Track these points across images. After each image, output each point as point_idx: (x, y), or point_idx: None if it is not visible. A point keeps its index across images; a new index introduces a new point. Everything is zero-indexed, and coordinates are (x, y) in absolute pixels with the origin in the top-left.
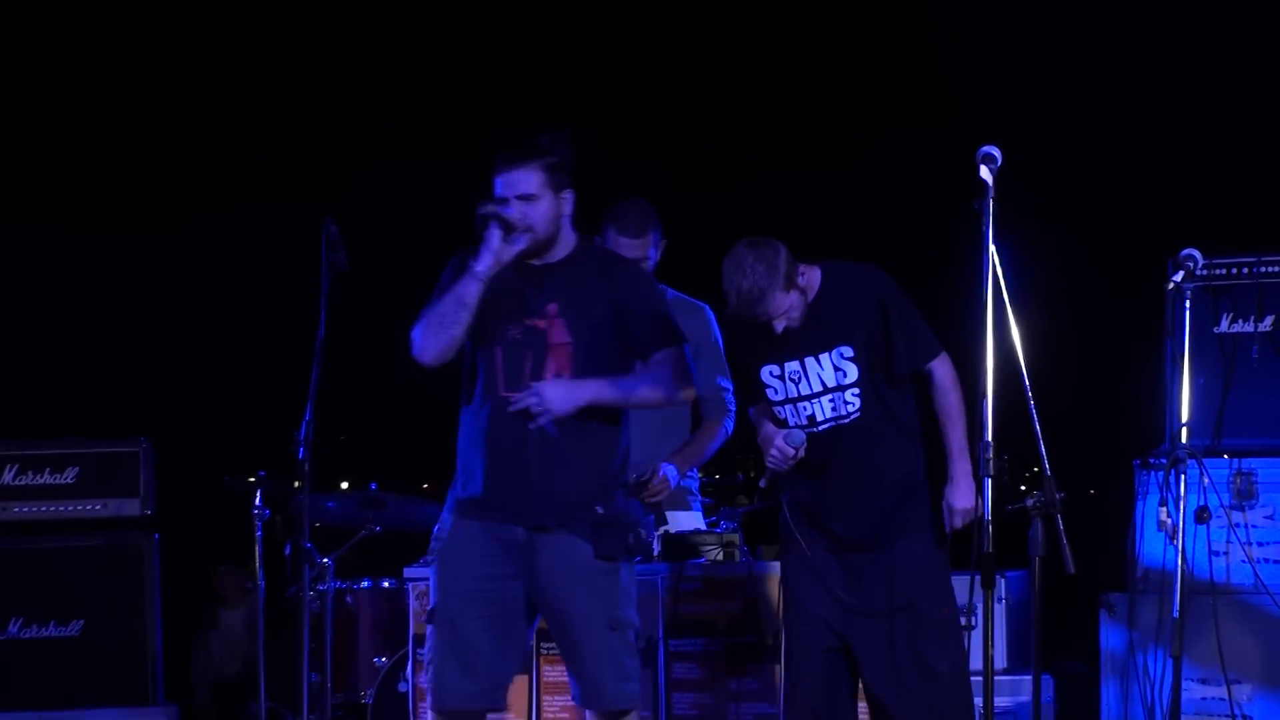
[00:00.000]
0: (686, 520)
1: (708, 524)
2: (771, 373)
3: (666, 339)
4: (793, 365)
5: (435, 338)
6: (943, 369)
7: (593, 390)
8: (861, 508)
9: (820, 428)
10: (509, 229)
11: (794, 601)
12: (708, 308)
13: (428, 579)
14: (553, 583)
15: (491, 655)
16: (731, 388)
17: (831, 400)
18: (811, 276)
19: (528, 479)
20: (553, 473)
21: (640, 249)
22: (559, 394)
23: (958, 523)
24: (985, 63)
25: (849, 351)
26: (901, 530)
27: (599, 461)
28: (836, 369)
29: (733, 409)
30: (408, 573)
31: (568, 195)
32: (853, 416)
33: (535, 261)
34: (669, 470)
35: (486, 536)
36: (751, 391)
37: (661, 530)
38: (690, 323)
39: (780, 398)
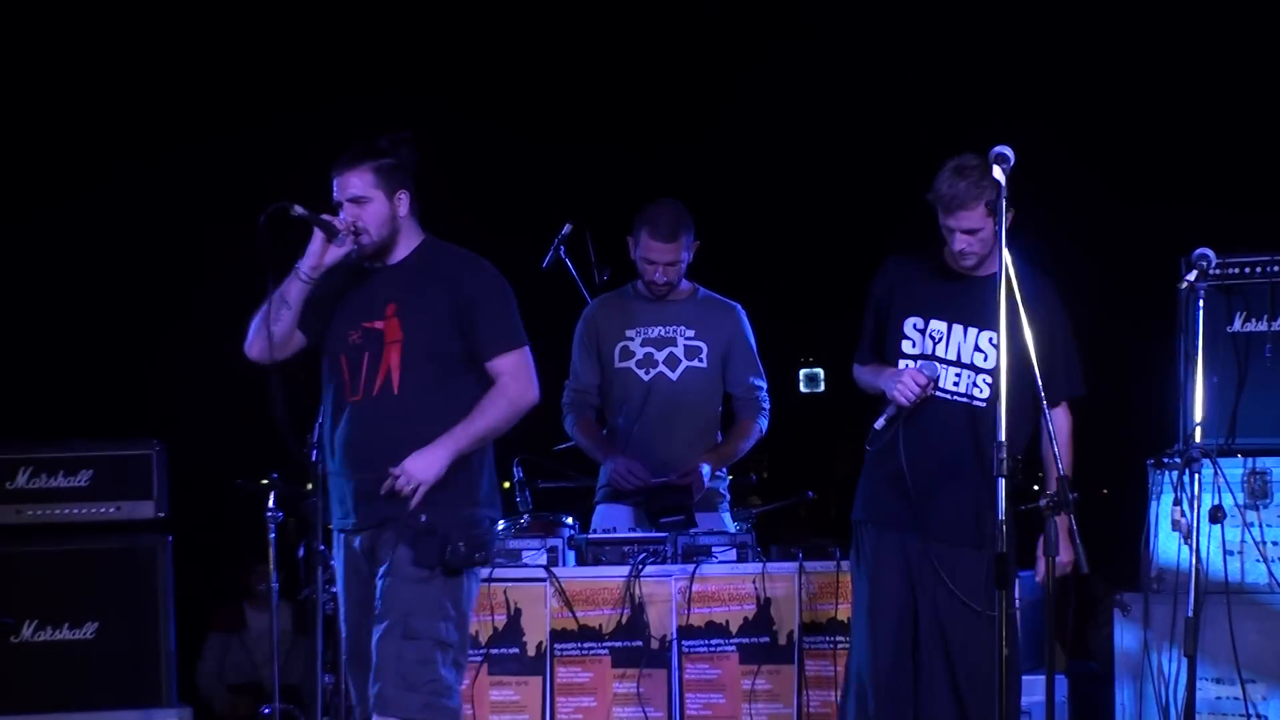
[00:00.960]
0: (715, 523)
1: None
2: (915, 325)
3: (505, 342)
4: (938, 325)
5: (259, 335)
6: (1064, 414)
7: (448, 446)
8: (955, 495)
9: (939, 395)
10: (332, 232)
11: (877, 589)
12: (739, 307)
13: None
14: (372, 585)
15: (353, 661)
16: (765, 386)
17: (959, 375)
18: (999, 245)
19: (361, 484)
20: (381, 479)
21: (672, 253)
22: (420, 466)
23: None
24: (996, 57)
25: (998, 339)
26: (980, 539)
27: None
28: (978, 349)
29: (766, 407)
30: None
31: (403, 196)
32: (977, 402)
33: (377, 264)
34: (703, 469)
35: (349, 547)
36: (885, 345)
37: (691, 532)
38: (723, 322)
39: (915, 351)
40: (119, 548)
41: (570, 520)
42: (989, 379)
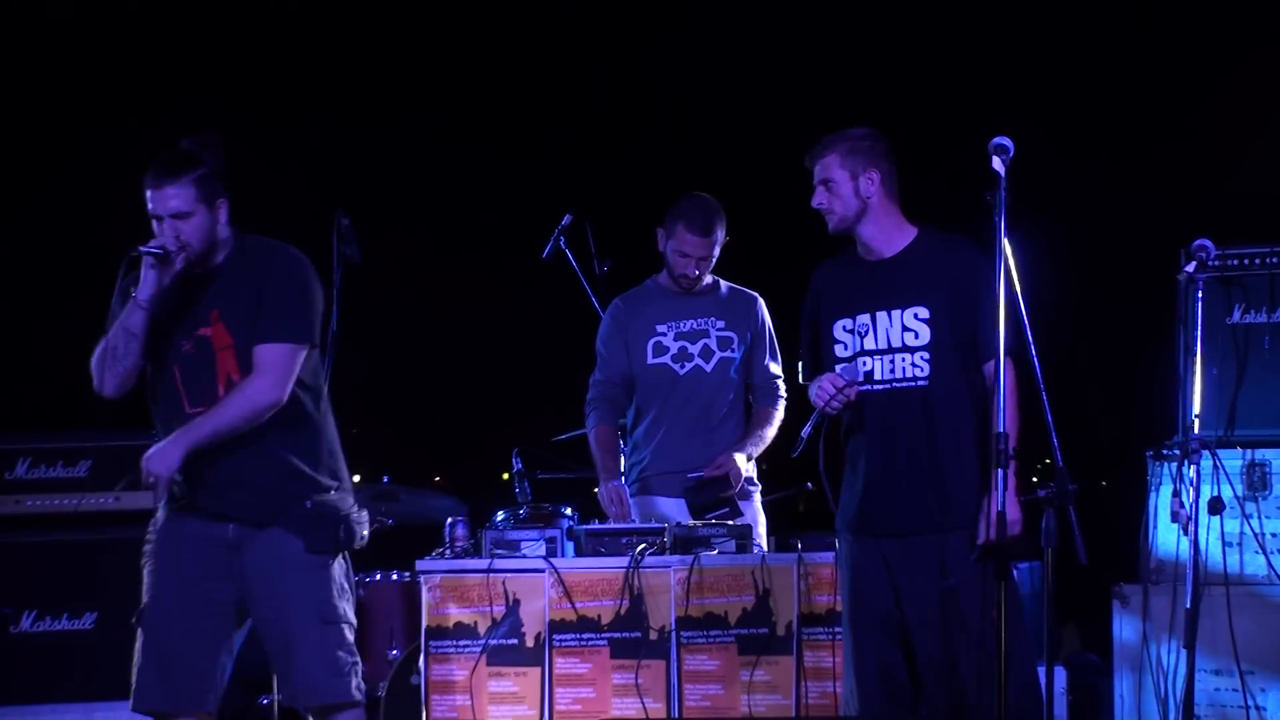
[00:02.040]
0: (750, 512)
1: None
2: (844, 327)
3: (274, 333)
4: (863, 318)
5: (111, 371)
6: (1009, 370)
7: (182, 441)
8: (921, 483)
9: (877, 388)
10: (165, 260)
11: (856, 598)
12: (759, 297)
13: (441, 572)
14: (262, 580)
15: (195, 658)
16: (783, 375)
17: (892, 361)
18: (894, 217)
19: (231, 480)
20: (254, 473)
21: (706, 247)
22: (156, 457)
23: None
24: (995, 51)
25: (924, 313)
26: (955, 520)
27: (302, 457)
28: (906, 329)
29: (784, 394)
30: (420, 565)
31: (222, 204)
32: (919, 383)
33: (197, 270)
34: (739, 459)
35: (198, 537)
36: (821, 356)
37: (736, 521)
38: (748, 312)
39: (847, 354)
40: (118, 538)
41: (569, 511)
42: (926, 355)
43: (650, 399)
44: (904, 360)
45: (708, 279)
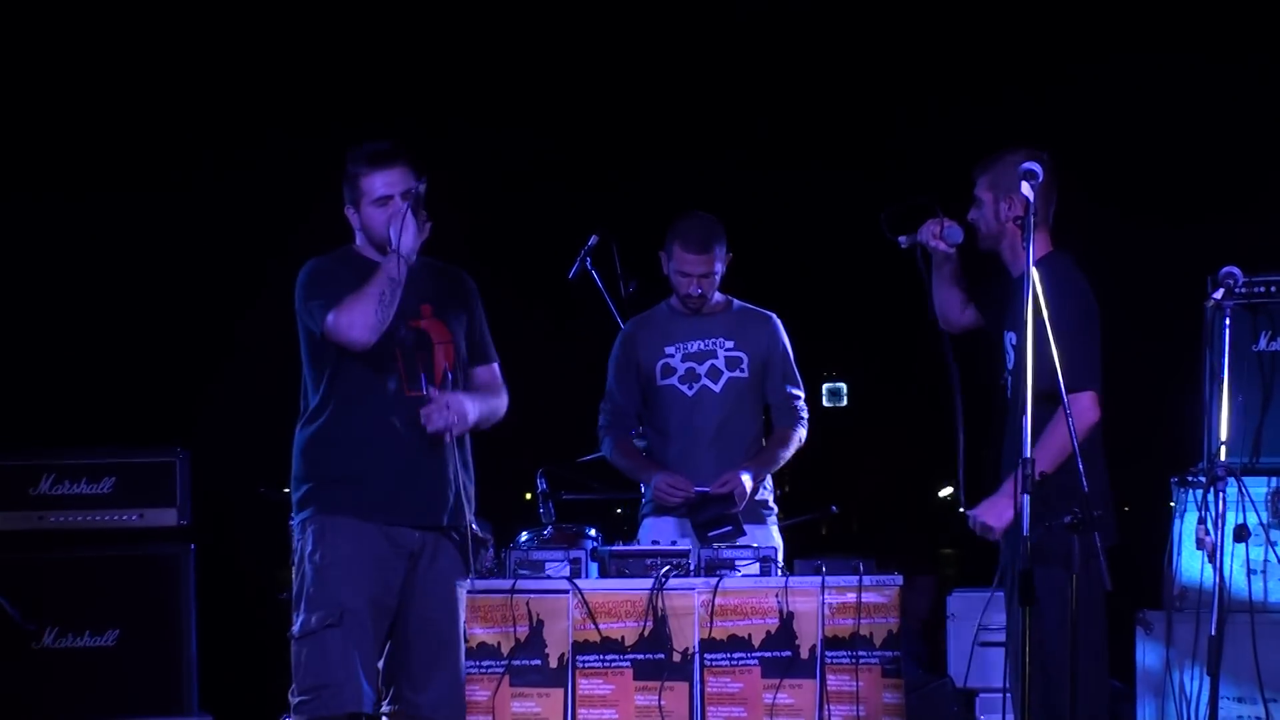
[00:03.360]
0: (764, 536)
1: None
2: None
3: (493, 354)
4: (1008, 335)
5: (378, 317)
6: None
7: (474, 409)
8: None
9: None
10: (418, 209)
11: None
12: (775, 316)
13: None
14: (431, 590)
15: (374, 661)
16: (803, 395)
17: (1009, 379)
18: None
19: (428, 482)
20: (448, 479)
21: (705, 264)
22: (463, 406)
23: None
24: (1020, 69)
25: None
26: None
27: (470, 473)
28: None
29: (805, 416)
30: None
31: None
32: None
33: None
34: (744, 477)
35: (381, 538)
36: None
37: (739, 542)
38: (760, 332)
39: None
40: (141, 555)
41: (593, 532)
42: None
43: (661, 421)
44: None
45: (719, 298)
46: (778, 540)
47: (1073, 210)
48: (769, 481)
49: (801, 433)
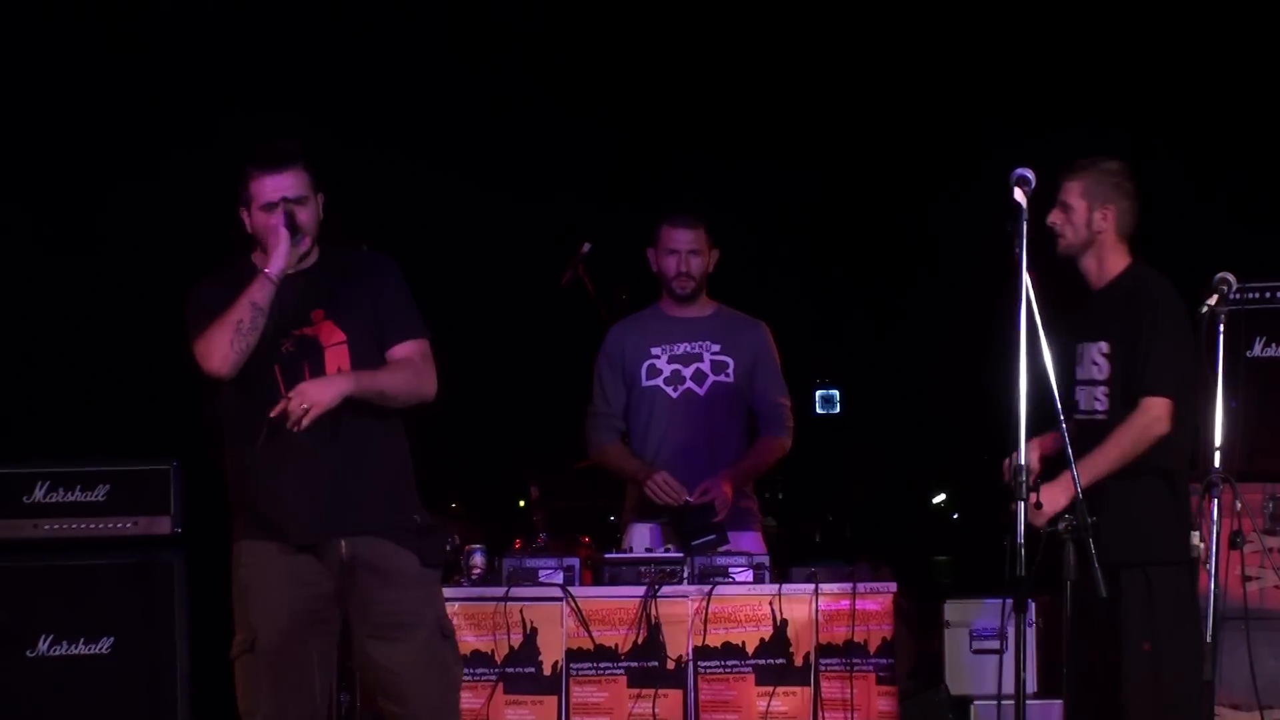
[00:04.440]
0: (750, 542)
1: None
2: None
3: (406, 332)
4: (1079, 347)
5: (235, 347)
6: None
7: (350, 379)
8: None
9: (1078, 417)
10: (296, 231)
11: None
12: (763, 324)
13: (457, 599)
14: (382, 595)
15: (325, 685)
16: (789, 404)
17: (1083, 392)
18: (1116, 253)
19: (341, 490)
20: (365, 481)
21: (693, 240)
22: (318, 388)
23: None
24: (1016, 74)
25: (1105, 348)
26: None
27: (395, 467)
28: (1093, 362)
29: (790, 425)
30: None
31: (323, 197)
32: (1097, 416)
33: (290, 271)
34: (724, 486)
35: (291, 556)
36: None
37: (723, 549)
38: (748, 338)
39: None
40: (136, 563)
41: (587, 539)
42: (1105, 390)
43: (645, 423)
44: (1087, 393)
45: (709, 305)
46: (763, 546)
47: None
48: (751, 486)
49: (786, 441)
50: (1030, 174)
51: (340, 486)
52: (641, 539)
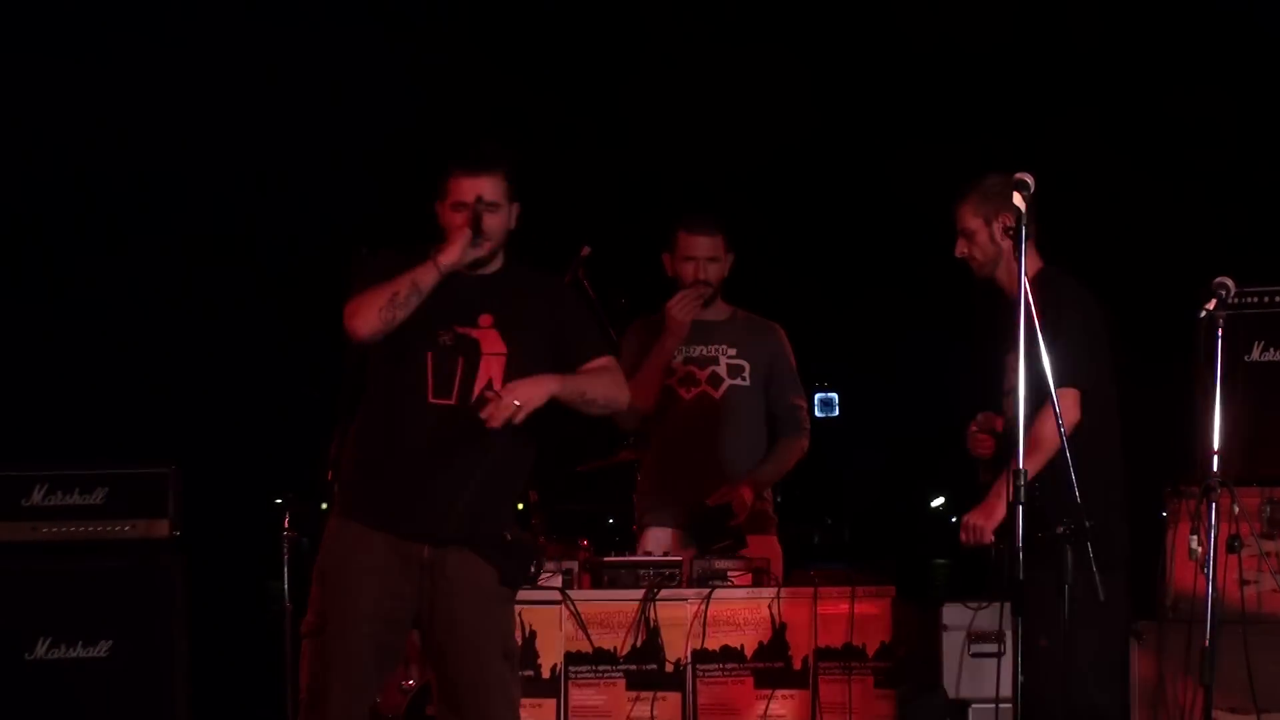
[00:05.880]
0: (763, 546)
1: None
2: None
3: (602, 349)
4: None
5: (381, 315)
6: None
7: (556, 380)
8: None
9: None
10: (478, 232)
11: None
12: (779, 327)
13: None
14: (452, 605)
15: (374, 677)
16: (805, 405)
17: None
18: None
19: (442, 492)
20: (469, 489)
21: (711, 248)
22: (529, 387)
23: None
24: (1015, 77)
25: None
26: None
27: (512, 482)
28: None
29: (807, 427)
30: None
31: (516, 207)
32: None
33: (471, 272)
34: (744, 490)
35: (389, 550)
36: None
37: (738, 555)
38: (764, 342)
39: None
40: (134, 566)
41: (586, 543)
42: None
43: (657, 422)
44: (1009, 402)
45: (725, 309)
46: (778, 549)
47: (1066, 220)
48: (769, 490)
49: (804, 442)
50: (1029, 178)
51: (449, 492)
52: (659, 544)
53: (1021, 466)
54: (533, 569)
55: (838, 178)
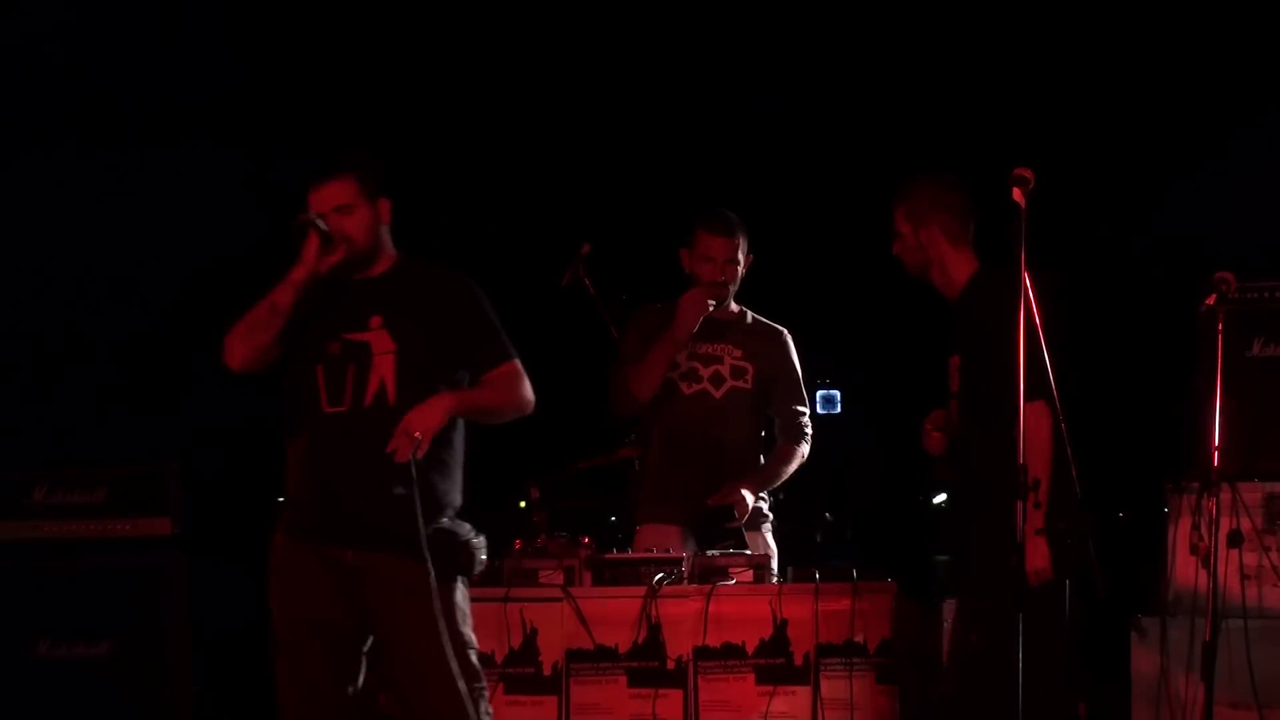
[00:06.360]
0: (759, 544)
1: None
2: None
3: (502, 354)
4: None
5: (243, 342)
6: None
7: (452, 398)
8: None
9: None
10: (326, 239)
11: None
12: (786, 332)
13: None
14: (383, 607)
15: (338, 687)
16: (808, 412)
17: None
18: (959, 262)
19: (351, 498)
20: (376, 492)
21: (731, 250)
22: (424, 415)
23: None
24: (1017, 72)
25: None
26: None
27: (428, 478)
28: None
29: (809, 433)
30: None
31: (384, 203)
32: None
33: (357, 276)
34: (745, 490)
35: (316, 560)
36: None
37: (729, 550)
38: (771, 347)
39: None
40: (135, 564)
41: (587, 540)
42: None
43: (656, 417)
44: (954, 407)
45: (734, 308)
46: (773, 547)
47: (1068, 216)
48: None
49: (804, 449)
50: (1028, 174)
51: (360, 497)
52: (659, 540)
53: (1023, 462)
54: (465, 559)
55: (839, 176)
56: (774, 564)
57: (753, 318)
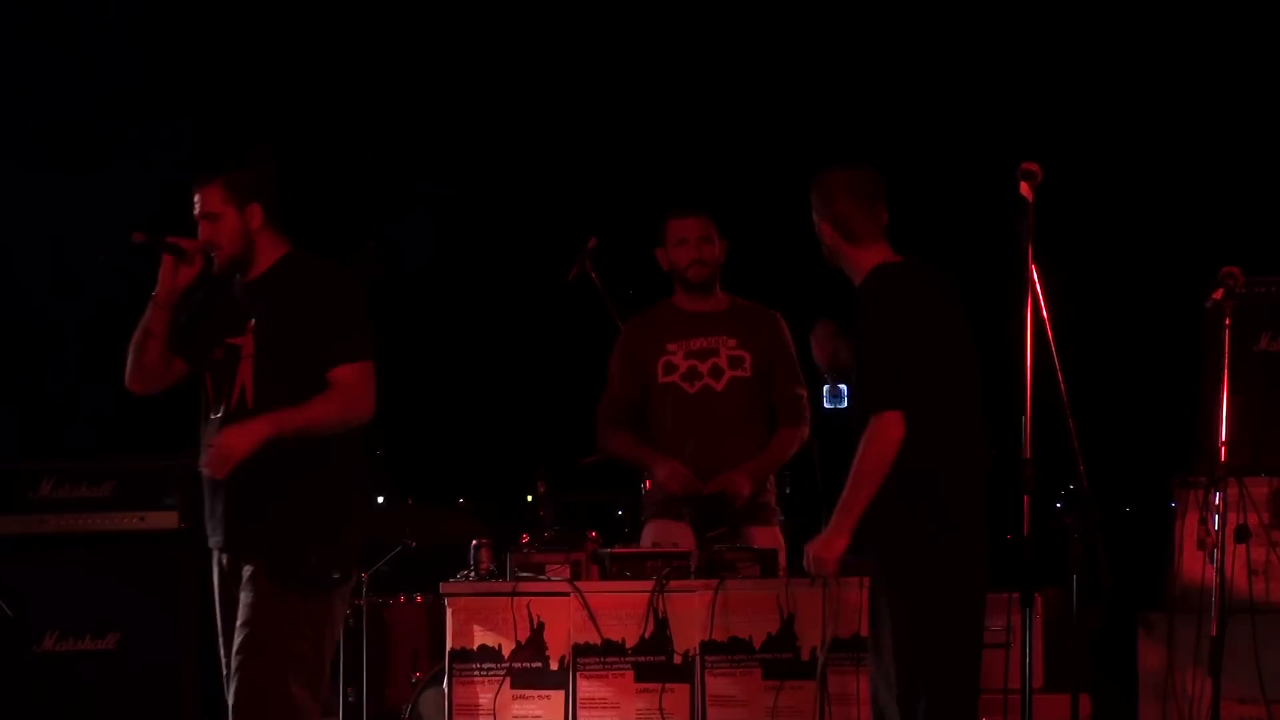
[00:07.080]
0: (766, 537)
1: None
2: None
3: (346, 355)
4: None
5: (131, 369)
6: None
7: (269, 423)
8: None
9: None
10: (178, 254)
11: None
12: (777, 314)
13: (465, 594)
14: (241, 606)
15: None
16: (806, 394)
17: None
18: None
19: (216, 502)
20: (227, 497)
21: (702, 227)
22: (235, 437)
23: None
24: (1023, 71)
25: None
26: None
27: (277, 484)
28: None
29: (808, 414)
30: (444, 587)
31: (255, 209)
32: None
33: (241, 278)
34: (739, 479)
35: (216, 564)
36: None
37: (738, 545)
38: (763, 330)
39: None
40: (142, 558)
41: (594, 534)
42: None
43: (662, 419)
44: None
45: (723, 299)
46: (781, 541)
47: (1076, 210)
48: (771, 482)
49: (804, 431)
50: (1036, 169)
51: (219, 502)
52: (665, 536)
53: (1029, 456)
54: (302, 568)
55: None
56: (781, 559)
57: (743, 304)
